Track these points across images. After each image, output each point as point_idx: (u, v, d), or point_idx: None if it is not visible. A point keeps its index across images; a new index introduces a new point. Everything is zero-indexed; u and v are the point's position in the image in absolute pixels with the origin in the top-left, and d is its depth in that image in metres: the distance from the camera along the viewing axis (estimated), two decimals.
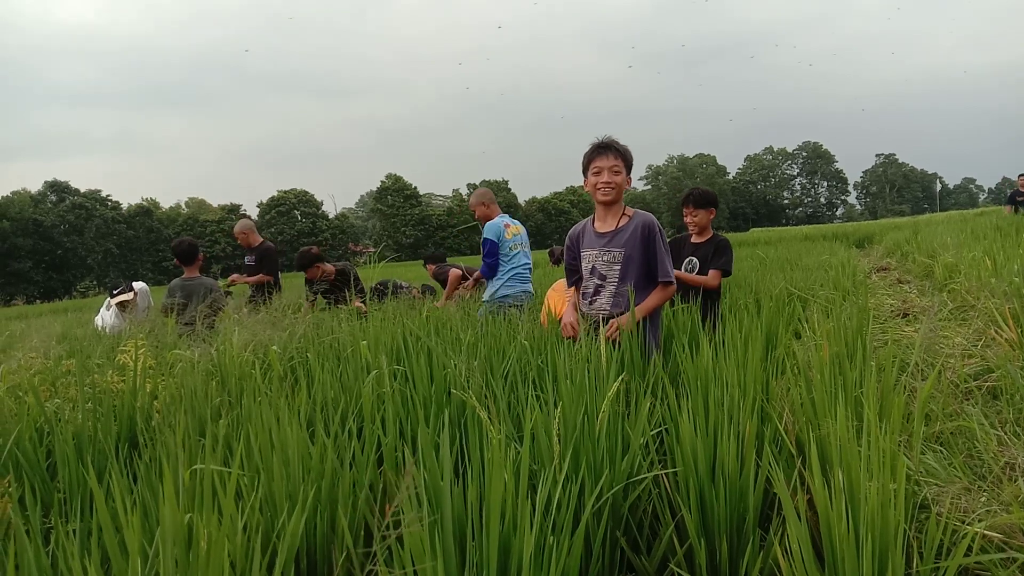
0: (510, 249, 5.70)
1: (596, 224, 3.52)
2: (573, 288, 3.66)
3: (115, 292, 6.62)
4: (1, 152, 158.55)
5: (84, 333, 6.01)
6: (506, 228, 5.72)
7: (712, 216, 4.77)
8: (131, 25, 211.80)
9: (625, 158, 3.40)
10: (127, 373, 2.99)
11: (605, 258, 3.42)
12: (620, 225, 3.42)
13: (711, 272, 4.58)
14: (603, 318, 3.31)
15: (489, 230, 5.66)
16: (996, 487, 2.01)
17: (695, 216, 4.77)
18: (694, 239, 4.84)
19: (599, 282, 3.44)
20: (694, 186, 5.12)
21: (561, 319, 3.45)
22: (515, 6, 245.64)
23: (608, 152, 3.36)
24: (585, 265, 3.51)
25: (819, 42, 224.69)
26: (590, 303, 3.47)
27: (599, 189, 3.38)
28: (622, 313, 3.30)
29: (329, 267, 7.28)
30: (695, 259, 4.72)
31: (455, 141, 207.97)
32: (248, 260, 7.74)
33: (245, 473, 1.97)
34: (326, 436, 2.00)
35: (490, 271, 5.71)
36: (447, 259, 9.14)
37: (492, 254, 5.66)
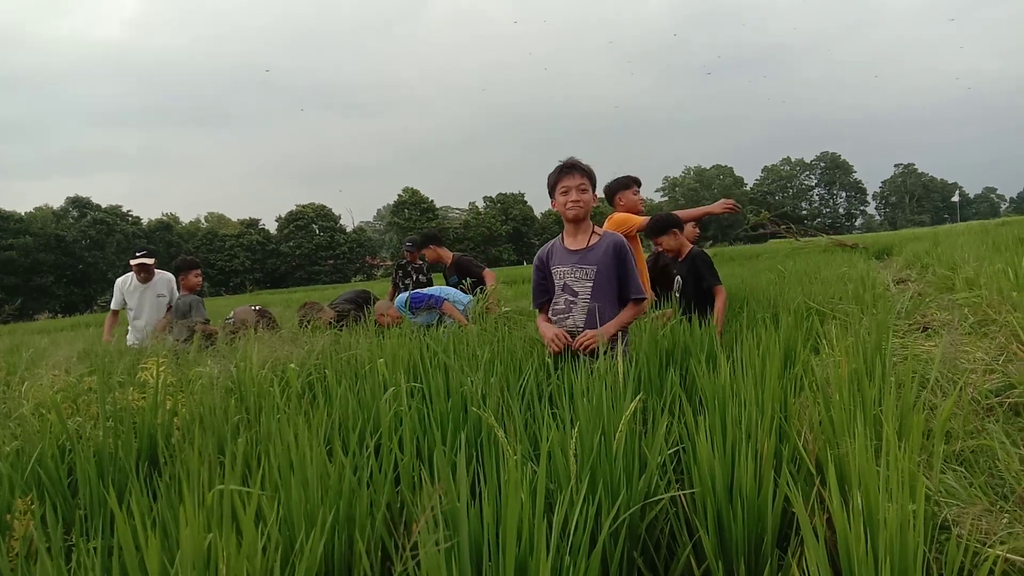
0: None
1: (566, 242, 3.59)
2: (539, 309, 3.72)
3: (137, 254, 6.68)
4: (31, 170, 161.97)
5: (105, 349, 6.08)
6: None
7: (676, 236, 4.97)
8: (159, 40, 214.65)
9: (590, 176, 3.50)
10: (147, 390, 3.02)
11: (577, 274, 3.49)
12: (591, 243, 3.51)
13: (716, 290, 4.81)
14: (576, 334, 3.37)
15: None
16: (1019, 508, 1.98)
17: (660, 245, 5.06)
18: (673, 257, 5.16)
19: (571, 298, 3.50)
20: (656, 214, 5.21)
21: (545, 336, 3.46)
22: (534, 20, 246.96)
23: (574, 171, 3.46)
24: (556, 282, 3.57)
25: (836, 55, 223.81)
26: (561, 320, 3.52)
27: (568, 208, 3.46)
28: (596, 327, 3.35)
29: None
30: (679, 277, 5.05)
31: (472, 155, 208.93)
32: None
33: (265, 492, 1.98)
34: (344, 455, 2.01)
35: None
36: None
37: None
